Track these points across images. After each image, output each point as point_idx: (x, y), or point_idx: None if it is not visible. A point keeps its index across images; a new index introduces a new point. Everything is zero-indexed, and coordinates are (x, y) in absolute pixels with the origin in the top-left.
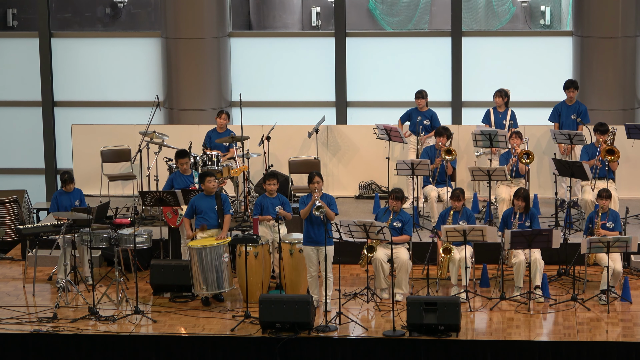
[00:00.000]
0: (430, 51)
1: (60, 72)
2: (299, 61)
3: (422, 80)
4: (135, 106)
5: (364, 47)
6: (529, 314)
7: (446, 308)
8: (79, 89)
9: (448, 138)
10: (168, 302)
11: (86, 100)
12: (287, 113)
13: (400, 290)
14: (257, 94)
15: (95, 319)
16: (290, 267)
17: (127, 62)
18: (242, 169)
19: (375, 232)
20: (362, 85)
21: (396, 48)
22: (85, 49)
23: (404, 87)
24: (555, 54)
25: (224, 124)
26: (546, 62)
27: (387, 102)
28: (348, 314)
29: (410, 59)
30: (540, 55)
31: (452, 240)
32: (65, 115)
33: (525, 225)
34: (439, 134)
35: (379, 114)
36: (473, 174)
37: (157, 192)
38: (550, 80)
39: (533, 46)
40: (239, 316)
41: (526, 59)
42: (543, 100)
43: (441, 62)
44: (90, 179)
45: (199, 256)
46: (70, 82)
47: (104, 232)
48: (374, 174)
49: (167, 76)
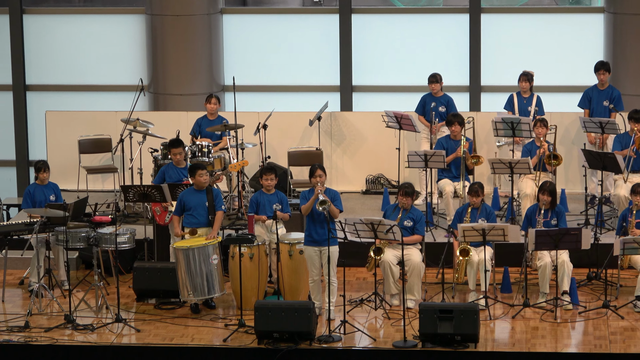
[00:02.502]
0: (445, 30)
1: (33, 52)
2: (300, 41)
3: (437, 63)
4: (117, 91)
5: (371, 25)
6: (556, 323)
7: (463, 316)
8: (53, 71)
9: (460, 125)
10: (153, 309)
11: (62, 84)
12: (286, 98)
13: (412, 296)
14: (253, 78)
15: (71, 327)
16: (290, 270)
17: (107, 42)
18: (242, 164)
19: (384, 231)
20: (370, 68)
21: (408, 26)
22: (61, 27)
23: (416, 69)
24: (585, 33)
25: (214, 110)
26: (575, 41)
27: (398, 87)
28: (354, 323)
29: (423, 39)
30: (569, 34)
31: (470, 240)
32: (38, 101)
33: (552, 224)
34: (450, 123)
35: (389, 100)
36: (493, 167)
37: (141, 186)
38: (580, 62)
39: (560, 24)
40: (232, 325)
41: (553, 38)
42: (571, 85)
43: (458, 41)
44: (67, 172)
45: (185, 258)
46: (44, 64)
47: (81, 231)
48: (382, 166)
49: (152, 57)
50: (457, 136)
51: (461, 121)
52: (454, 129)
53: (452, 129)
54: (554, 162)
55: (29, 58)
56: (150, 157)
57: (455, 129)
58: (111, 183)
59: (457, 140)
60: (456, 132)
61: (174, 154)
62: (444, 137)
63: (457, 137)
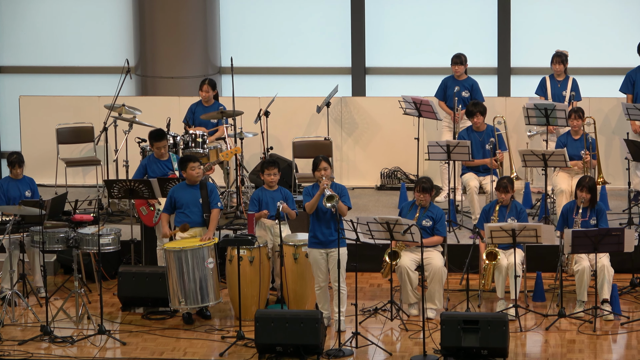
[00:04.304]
0: (471, 5)
1: (6, 30)
2: (306, 16)
3: (461, 41)
4: (100, 73)
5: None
6: (595, 335)
7: (490, 327)
8: (29, 51)
9: (483, 115)
10: (140, 319)
11: (38, 65)
12: (291, 82)
13: (433, 305)
14: (253, 58)
15: (49, 340)
16: (295, 275)
17: (89, 18)
18: (234, 152)
19: (401, 231)
20: (385, 47)
21: (428, 1)
22: (38, 2)
23: (437, 49)
24: (629, 8)
25: (207, 97)
26: (616, 17)
27: (416, 69)
28: (367, 335)
29: (445, 14)
30: (609, 9)
31: (498, 242)
32: (11, 84)
33: (591, 224)
34: (470, 114)
35: (406, 83)
36: (525, 159)
37: (127, 181)
38: (622, 41)
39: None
40: (229, 337)
41: (591, 13)
42: (612, 67)
43: (485, 17)
44: (44, 165)
45: (176, 261)
46: (19, 43)
47: (60, 232)
48: (399, 158)
49: (140, 36)
50: (481, 127)
51: (483, 110)
52: (476, 120)
53: (475, 121)
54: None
55: (1, 36)
56: (138, 148)
57: (477, 120)
58: (93, 177)
59: (481, 131)
60: (479, 123)
61: (157, 147)
62: (465, 130)
63: (481, 128)
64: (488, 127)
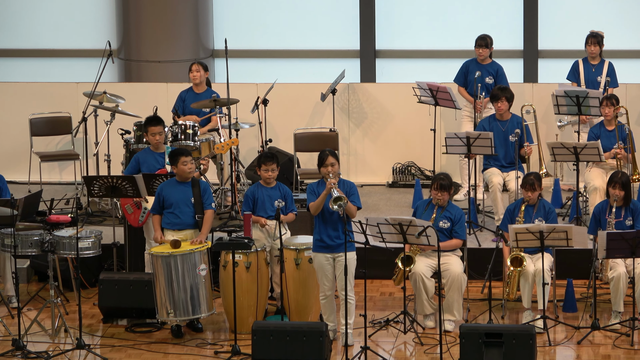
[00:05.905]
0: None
1: None
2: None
3: (483, 22)
4: (79, 56)
5: None
6: (633, 350)
7: (516, 341)
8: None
9: (509, 102)
10: (124, 332)
11: (9, 48)
12: (292, 66)
13: (451, 317)
14: (250, 41)
15: (21, 355)
16: (297, 283)
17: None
18: (230, 144)
19: (415, 234)
20: (398, 28)
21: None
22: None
23: (456, 30)
24: None
25: (198, 79)
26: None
27: (433, 51)
28: (377, 350)
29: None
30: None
31: (524, 245)
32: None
33: (626, 225)
34: (495, 98)
35: (421, 68)
36: (554, 153)
37: (108, 177)
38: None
39: None
40: (223, 352)
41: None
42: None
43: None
44: (15, 159)
45: (165, 267)
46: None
47: (33, 234)
48: (413, 152)
49: (123, 16)
50: (505, 115)
51: (510, 96)
52: (501, 105)
53: (499, 106)
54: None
55: None
56: (121, 141)
57: (502, 105)
58: (71, 173)
59: (504, 120)
60: (503, 110)
61: (153, 133)
62: (487, 119)
63: (505, 116)
64: (513, 117)
